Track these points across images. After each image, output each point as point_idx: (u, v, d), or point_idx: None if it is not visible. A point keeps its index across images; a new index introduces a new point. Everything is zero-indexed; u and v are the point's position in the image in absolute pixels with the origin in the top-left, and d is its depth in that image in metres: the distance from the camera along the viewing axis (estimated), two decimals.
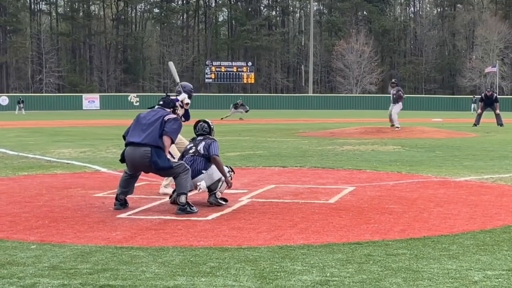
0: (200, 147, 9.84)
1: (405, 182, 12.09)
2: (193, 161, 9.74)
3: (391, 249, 6.71)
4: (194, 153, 9.80)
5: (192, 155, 9.80)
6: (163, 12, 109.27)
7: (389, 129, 27.19)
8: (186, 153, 9.92)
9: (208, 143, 9.90)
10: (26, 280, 5.58)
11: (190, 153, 9.84)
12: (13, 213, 8.92)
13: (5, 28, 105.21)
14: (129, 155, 9.34)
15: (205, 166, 9.75)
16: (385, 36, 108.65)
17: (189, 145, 10.06)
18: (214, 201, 9.54)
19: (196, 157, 9.77)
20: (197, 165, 9.71)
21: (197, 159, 9.75)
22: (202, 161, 9.77)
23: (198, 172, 9.66)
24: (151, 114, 9.55)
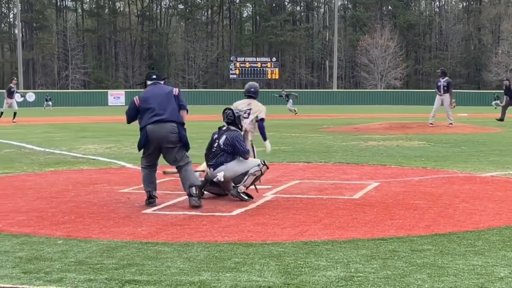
0: (221, 141, 9.91)
1: (430, 177, 12.04)
2: (215, 155, 9.87)
3: (416, 245, 6.69)
4: (217, 147, 9.90)
5: (215, 149, 9.91)
6: (187, 8, 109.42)
7: (415, 124, 27.02)
8: (212, 146, 9.99)
9: (230, 138, 9.90)
10: (53, 275, 5.63)
11: (214, 147, 9.94)
12: (40, 209, 9.00)
13: (32, 25, 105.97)
14: (155, 132, 9.34)
15: (225, 160, 9.82)
16: (410, 31, 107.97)
17: (214, 136, 10.10)
18: (236, 194, 9.56)
19: (217, 152, 9.88)
20: (219, 158, 9.83)
21: (218, 153, 9.87)
22: (224, 155, 9.85)
23: (220, 165, 9.78)
24: (157, 91, 9.66)
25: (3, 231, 7.51)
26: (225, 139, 9.90)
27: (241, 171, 9.81)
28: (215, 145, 9.95)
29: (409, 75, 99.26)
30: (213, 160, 9.87)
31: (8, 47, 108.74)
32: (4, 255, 6.36)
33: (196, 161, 14.89)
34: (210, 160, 9.93)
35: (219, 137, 10.00)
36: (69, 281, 5.43)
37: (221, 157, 9.86)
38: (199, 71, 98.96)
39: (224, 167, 9.76)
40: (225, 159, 9.83)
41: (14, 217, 8.40)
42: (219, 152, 9.87)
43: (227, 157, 9.84)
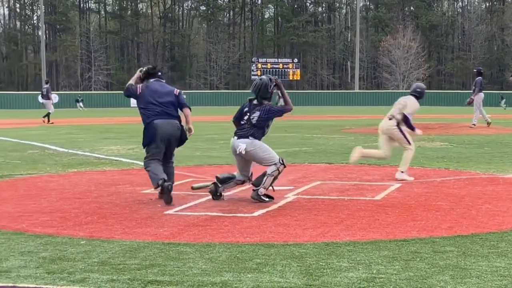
0: (254, 116, 9.79)
1: (453, 178, 11.99)
2: (243, 128, 9.80)
3: (439, 246, 6.67)
4: (247, 121, 9.80)
5: (244, 122, 9.81)
6: (209, 9, 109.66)
7: (437, 125, 26.90)
8: (241, 118, 9.85)
9: (265, 114, 9.78)
10: (76, 275, 5.67)
11: (244, 119, 9.82)
12: (63, 209, 9.07)
13: (55, 26, 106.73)
14: (163, 128, 9.88)
15: (253, 134, 9.74)
16: (433, 32, 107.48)
17: (245, 108, 9.92)
18: (256, 197, 9.54)
19: (246, 125, 9.80)
20: (247, 131, 9.75)
21: (248, 127, 9.78)
22: (253, 129, 9.78)
23: (246, 137, 9.73)
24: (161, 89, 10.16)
25: (27, 231, 7.58)
26: (259, 116, 9.77)
27: (261, 158, 9.72)
28: (245, 117, 9.83)
29: (432, 75, 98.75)
30: (240, 132, 9.80)
31: (32, 49, 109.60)
32: (28, 255, 6.42)
33: (217, 162, 14.95)
34: (237, 132, 9.83)
35: (250, 111, 9.82)
36: (92, 281, 5.47)
37: (250, 130, 9.77)
38: (221, 72, 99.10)
39: (250, 141, 9.66)
40: (253, 133, 9.75)
41: (38, 217, 8.47)
42: (249, 126, 9.79)
43: (255, 132, 9.78)
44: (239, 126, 9.88)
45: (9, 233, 7.48)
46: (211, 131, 26.91)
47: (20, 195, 10.42)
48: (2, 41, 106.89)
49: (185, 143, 10.43)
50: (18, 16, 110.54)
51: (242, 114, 9.90)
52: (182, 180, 11.81)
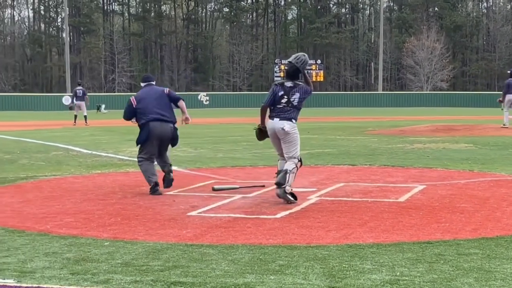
0: (294, 98, 9.83)
1: (477, 180, 11.91)
2: (284, 110, 9.81)
3: (463, 249, 6.63)
4: (287, 103, 9.82)
5: (285, 105, 9.82)
6: (232, 11, 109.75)
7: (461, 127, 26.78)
8: (278, 102, 9.82)
9: (303, 94, 9.91)
10: (100, 276, 5.70)
11: (282, 103, 9.81)
12: (87, 211, 9.12)
13: (79, 29, 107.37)
14: (157, 129, 10.95)
15: (295, 116, 9.87)
16: (457, 32, 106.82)
17: (280, 92, 9.89)
18: (283, 195, 9.51)
19: (287, 108, 9.82)
20: (289, 113, 9.81)
21: (289, 110, 9.82)
22: (294, 111, 9.86)
23: (289, 120, 9.79)
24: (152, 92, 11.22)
25: (52, 232, 7.63)
26: (299, 97, 9.85)
27: (293, 145, 9.80)
28: (283, 101, 9.82)
29: (456, 77, 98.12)
30: (282, 114, 9.81)
31: (56, 51, 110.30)
32: (53, 256, 6.46)
33: (240, 164, 14.96)
34: (277, 115, 9.82)
35: (288, 93, 9.83)
36: (116, 283, 5.49)
37: (292, 112, 9.84)
38: (243, 74, 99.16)
39: (293, 124, 9.79)
40: (295, 115, 9.86)
41: (62, 218, 8.53)
42: (290, 108, 9.83)
43: (296, 114, 9.89)
44: (272, 111, 9.88)
45: (34, 234, 7.53)
46: (234, 132, 26.94)
47: (45, 196, 10.50)
48: (27, 43, 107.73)
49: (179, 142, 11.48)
50: (42, 19, 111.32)
51: (277, 98, 9.86)
52: (205, 181, 11.84)
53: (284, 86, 9.91)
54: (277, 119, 9.78)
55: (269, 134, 9.98)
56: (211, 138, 23.60)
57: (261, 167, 14.54)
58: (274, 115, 9.84)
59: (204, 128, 32.39)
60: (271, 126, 9.87)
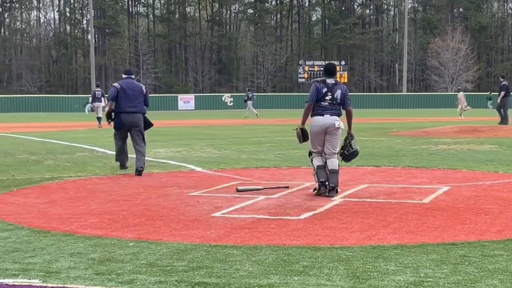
0: (337, 94, 10.24)
1: (502, 182, 11.83)
2: (331, 108, 10.22)
3: (488, 250, 6.59)
4: (332, 100, 10.20)
5: (330, 102, 10.19)
6: (257, 12, 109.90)
7: (486, 128, 26.63)
8: (322, 98, 10.19)
9: (343, 91, 10.33)
10: (125, 276, 5.74)
11: (327, 100, 10.18)
12: (111, 211, 9.17)
13: (104, 30, 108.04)
14: (128, 119, 13.75)
15: (340, 113, 10.31)
16: (482, 33, 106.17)
17: (323, 89, 10.24)
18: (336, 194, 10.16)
19: (333, 105, 10.21)
20: (336, 110, 10.24)
21: (334, 106, 10.22)
22: (339, 108, 10.31)
23: (338, 116, 10.30)
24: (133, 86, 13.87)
25: (77, 233, 7.68)
26: (341, 94, 10.29)
27: (337, 141, 10.40)
28: (327, 98, 10.19)
29: (481, 77, 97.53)
30: (331, 111, 10.23)
31: (81, 53, 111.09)
32: (78, 256, 6.51)
33: (264, 165, 14.97)
34: (327, 111, 10.20)
35: (331, 90, 10.24)
36: (140, 283, 5.52)
37: (339, 110, 10.32)
38: (267, 75, 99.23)
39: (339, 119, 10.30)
40: (339, 112, 10.32)
41: (87, 219, 8.58)
42: (336, 105, 10.26)
43: (340, 110, 10.36)
44: (319, 108, 10.23)
45: (59, 235, 7.59)
46: (258, 134, 26.94)
47: (70, 197, 10.58)
48: (53, 45, 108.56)
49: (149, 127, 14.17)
50: (68, 20, 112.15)
51: (321, 95, 10.21)
52: (229, 182, 11.86)
53: (326, 83, 10.28)
54: (328, 115, 10.19)
55: (315, 131, 10.30)
56: (235, 139, 23.64)
57: (285, 168, 14.55)
58: (324, 112, 10.19)
59: (228, 129, 32.45)
60: (321, 123, 10.20)
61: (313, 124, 10.34)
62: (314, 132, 10.32)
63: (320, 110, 10.21)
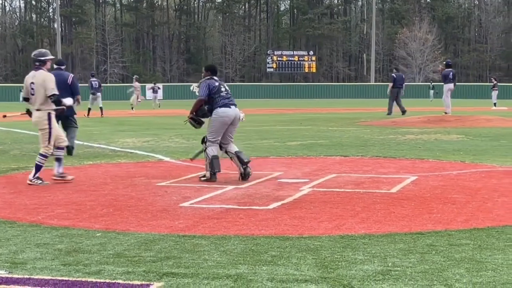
0: (227, 87, 11.30)
1: (469, 171, 11.94)
2: (229, 97, 11.10)
3: (454, 239, 6.65)
4: (227, 92, 11.15)
5: (226, 93, 11.10)
6: (225, 1, 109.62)
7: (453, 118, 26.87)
8: (219, 91, 11.03)
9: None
10: (92, 267, 5.69)
11: (223, 91, 11.05)
12: (78, 202, 9.10)
13: (71, 19, 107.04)
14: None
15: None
16: (449, 24, 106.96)
17: (215, 83, 11.10)
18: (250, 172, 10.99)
19: (229, 95, 11.14)
20: (233, 101, 11.22)
21: (232, 98, 11.26)
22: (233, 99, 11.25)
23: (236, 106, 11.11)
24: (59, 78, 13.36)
25: (43, 223, 7.62)
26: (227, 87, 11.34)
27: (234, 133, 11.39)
28: (223, 89, 11.11)
29: None
30: (232, 102, 11.10)
31: (47, 41, 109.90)
32: (44, 247, 6.45)
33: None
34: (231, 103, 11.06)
35: (221, 83, 11.21)
36: (108, 273, 5.48)
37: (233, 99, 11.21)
38: (236, 65, 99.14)
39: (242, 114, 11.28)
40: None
41: (54, 209, 8.51)
42: (230, 95, 11.20)
43: None
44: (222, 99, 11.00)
45: (25, 225, 7.52)
46: None
47: (36, 187, 10.48)
48: (18, 34, 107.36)
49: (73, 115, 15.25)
50: (34, 9, 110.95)
51: (217, 87, 11.07)
52: (198, 172, 11.83)
53: (215, 79, 11.22)
54: (233, 107, 11.09)
55: (223, 121, 10.99)
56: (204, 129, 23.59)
57: (253, 158, 14.53)
58: (229, 103, 11.04)
59: None
60: (230, 114, 10.97)
61: (222, 115, 10.98)
62: (221, 122, 11.01)
63: (225, 101, 11.01)
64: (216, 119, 11.01)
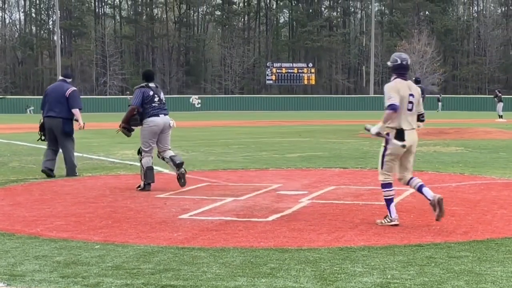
0: (162, 96, 11.48)
1: (468, 183, 11.93)
2: (161, 108, 11.32)
3: (454, 252, 6.64)
4: (160, 101, 11.36)
5: (159, 103, 11.34)
6: (224, 14, 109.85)
7: (452, 130, 26.87)
8: (151, 100, 11.25)
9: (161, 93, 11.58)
10: (90, 279, 5.68)
11: (156, 102, 11.26)
12: (77, 214, 9.09)
13: (71, 31, 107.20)
14: (48, 124, 13.43)
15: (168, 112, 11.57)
16: (448, 36, 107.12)
17: (149, 92, 11.28)
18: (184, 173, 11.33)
19: (162, 105, 11.42)
20: (166, 110, 11.47)
21: (164, 106, 11.43)
22: (167, 108, 11.54)
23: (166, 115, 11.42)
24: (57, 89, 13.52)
25: (42, 235, 7.60)
26: (162, 94, 11.54)
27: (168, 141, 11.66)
28: (156, 99, 11.31)
29: (447, 80, 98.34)
30: (164, 111, 11.39)
31: (47, 54, 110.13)
32: (43, 259, 6.43)
33: (231, 167, 14.95)
34: (161, 111, 11.32)
35: (157, 93, 11.39)
36: (106, 286, 5.47)
37: (167, 110, 11.52)
38: (235, 77, 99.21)
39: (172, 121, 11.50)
40: (168, 112, 11.59)
41: (53, 221, 8.50)
42: (164, 105, 11.48)
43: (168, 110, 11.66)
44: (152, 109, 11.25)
45: (24, 237, 7.51)
46: (226, 135, 26.92)
47: (35, 199, 10.47)
48: (18, 46, 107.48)
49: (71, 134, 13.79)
50: (33, 21, 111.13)
51: (150, 97, 11.25)
52: (197, 184, 11.83)
53: (150, 87, 11.38)
54: (162, 115, 11.35)
55: (152, 130, 11.29)
56: (203, 141, 23.59)
57: (252, 170, 14.54)
58: (158, 112, 11.29)
59: (196, 131, 32.39)
60: (158, 122, 11.27)
61: (150, 125, 11.29)
62: (151, 131, 11.30)
63: (155, 111, 11.25)
64: (145, 129, 11.36)
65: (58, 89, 13.63)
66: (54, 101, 13.45)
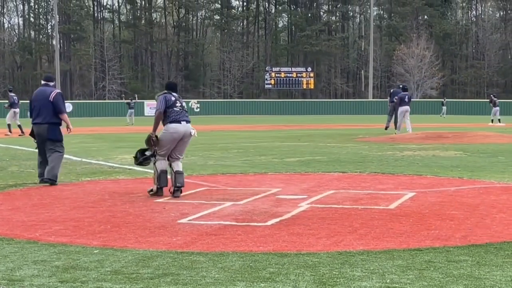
0: (183, 103, 11.39)
1: (467, 188, 11.94)
2: (183, 114, 11.14)
3: (453, 256, 6.64)
4: (182, 107, 11.23)
5: (181, 109, 11.20)
6: (223, 18, 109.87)
7: (451, 134, 26.88)
8: (173, 105, 11.08)
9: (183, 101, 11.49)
10: (89, 284, 5.68)
11: (178, 106, 11.11)
12: (76, 218, 9.09)
13: (69, 36, 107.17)
14: (36, 130, 13.25)
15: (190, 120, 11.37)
16: (446, 40, 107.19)
17: (172, 98, 11.15)
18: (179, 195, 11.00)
19: (184, 111, 11.16)
20: (187, 117, 11.16)
21: (185, 113, 11.25)
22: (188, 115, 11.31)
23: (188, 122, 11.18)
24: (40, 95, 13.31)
25: (41, 240, 7.60)
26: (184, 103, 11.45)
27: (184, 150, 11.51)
28: (178, 105, 11.16)
29: (446, 84, 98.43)
30: (185, 118, 11.16)
31: (46, 58, 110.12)
32: (41, 264, 6.43)
33: (230, 171, 14.95)
34: (182, 117, 11.11)
35: (177, 99, 11.25)
36: None
37: (188, 117, 11.30)
38: (234, 81, 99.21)
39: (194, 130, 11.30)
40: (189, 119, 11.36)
41: (51, 226, 8.50)
42: (185, 112, 11.30)
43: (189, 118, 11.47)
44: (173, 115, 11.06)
45: (23, 242, 7.50)
46: (225, 140, 26.91)
47: (34, 204, 10.46)
48: (17, 51, 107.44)
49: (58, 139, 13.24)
50: (32, 26, 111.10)
51: (172, 101, 11.13)
52: (196, 189, 11.82)
53: (172, 94, 11.25)
54: (184, 122, 11.14)
55: (172, 137, 11.09)
56: (202, 146, 23.57)
57: (251, 174, 14.54)
58: (179, 118, 11.10)
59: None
60: (179, 130, 11.04)
61: (171, 131, 11.08)
62: (171, 138, 11.09)
63: (177, 116, 11.09)
64: (165, 134, 11.16)
65: (43, 94, 13.40)
66: (40, 106, 13.31)
